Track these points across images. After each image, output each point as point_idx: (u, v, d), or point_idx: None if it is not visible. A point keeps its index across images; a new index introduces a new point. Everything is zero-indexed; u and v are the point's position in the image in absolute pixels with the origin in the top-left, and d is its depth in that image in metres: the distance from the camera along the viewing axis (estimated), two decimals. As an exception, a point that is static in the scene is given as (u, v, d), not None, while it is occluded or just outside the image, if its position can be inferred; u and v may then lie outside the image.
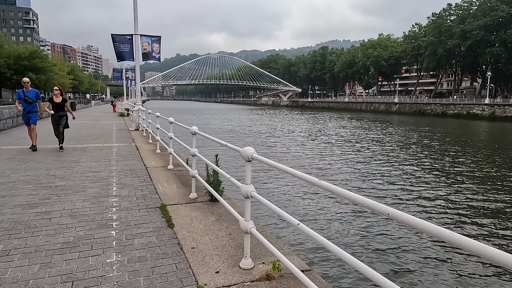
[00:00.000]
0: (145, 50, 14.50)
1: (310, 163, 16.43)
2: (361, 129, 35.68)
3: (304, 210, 9.30)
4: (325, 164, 16.13)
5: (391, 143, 24.34)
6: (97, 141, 11.40)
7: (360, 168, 15.27)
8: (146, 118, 11.67)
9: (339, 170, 14.99)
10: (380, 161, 17.06)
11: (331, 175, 13.89)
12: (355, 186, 12.13)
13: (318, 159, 17.58)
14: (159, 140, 8.63)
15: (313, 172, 14.26)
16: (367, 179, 13.34)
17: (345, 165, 15.95)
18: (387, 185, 12.34)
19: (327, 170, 14.82)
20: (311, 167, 15.35)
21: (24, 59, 40.87)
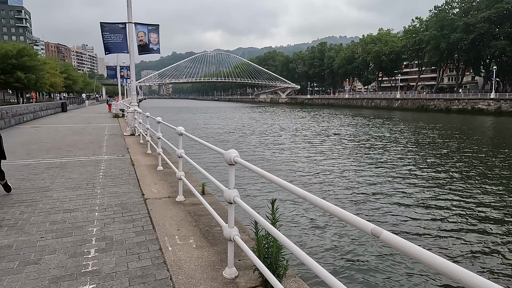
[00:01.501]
0: (141, 41, 12.26)
1: (325, 166, 14.41)
2: (370, 127, 33.67)
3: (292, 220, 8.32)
4: (339, 167, 14.11)
5: (406, 143, 22.34)
6: (83, 151, 9.29)
7: (380, 172, 13.28)
8: (144, 123, 9.47)
9: (356, 174, 12.98)
10: (397, 164, 15.07)
11: (346, 179, 11.88)
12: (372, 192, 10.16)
13: (331, 161, 15.54)
14: (161, 154, 6.48)
15: (326, 176, 12.28)
16: (387, 183, 11.42)
17: (361, 168, 13.94)
18: (406, 191, 10.53)
19: (343, 174, 12.81)
20: (325, 171, 13.34)
21: (11, 57, 38.24)
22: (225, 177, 2.99)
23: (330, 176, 13.17)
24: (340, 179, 12.58)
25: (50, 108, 26.90)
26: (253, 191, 10.50)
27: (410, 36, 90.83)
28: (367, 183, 12.07)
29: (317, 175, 13.20)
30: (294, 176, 13.03)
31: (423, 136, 26.59)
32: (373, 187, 11.50)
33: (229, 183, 2.70)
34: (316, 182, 12.14)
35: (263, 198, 9.78)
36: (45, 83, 49.56)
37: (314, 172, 13.81)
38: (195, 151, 16.47)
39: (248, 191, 10.48)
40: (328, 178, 12.78)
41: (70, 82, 73.01)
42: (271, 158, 16.98)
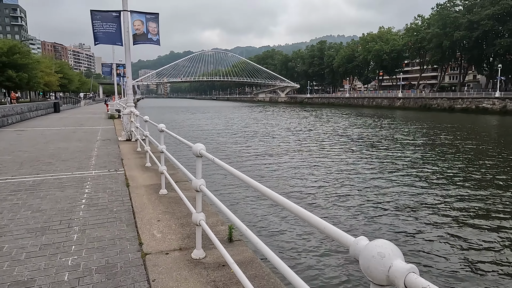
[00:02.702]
0: (137, 30, 10.53)
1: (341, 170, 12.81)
2: (380, 128, 32.07)
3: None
4: (355, 173, 12.52)
5: (420, 145, 20.76)
6: (66, 164, 7.56)
7: (401, 177, 11.68)
8: (142, 128, 7.69)
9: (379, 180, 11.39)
10: (416, 168, 13.48)
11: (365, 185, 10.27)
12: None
13: (346, 166, 13.94)
14: (165, 174, 4.80)
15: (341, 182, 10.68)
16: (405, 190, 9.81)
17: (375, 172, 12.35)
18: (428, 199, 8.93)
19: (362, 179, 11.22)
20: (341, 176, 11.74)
21: (1, 54, 36.44)
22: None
23: (347, 182, 11.55)
24: (361, 187, 10.97)
25: (41, 109, 25.05)
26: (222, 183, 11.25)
27: (412, 34, 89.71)
28: (389, 190, 10.47)
29: (334, 183, 11.59)
30: (310, 186, 11.41)
31: (434, 137, 25.04)
32: (396, 194, 9.96)
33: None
34: (334, 191, 10.53)
35: (232, 189, 10.57)
36: (39, 82, 47.75)
37: (331, 179, 12.20)
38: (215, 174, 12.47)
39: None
40: (345, 184, 11.16)
41: (65, 81, 71.16)
42: (281, 163, 15.34)
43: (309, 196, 10.38)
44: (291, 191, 10.87)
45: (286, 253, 6.34)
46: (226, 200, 9.29)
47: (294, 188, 11.22)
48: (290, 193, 10.65)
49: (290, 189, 11.12)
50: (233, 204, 9.15)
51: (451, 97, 65.66)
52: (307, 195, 10.44)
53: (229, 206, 7.05)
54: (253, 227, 7.34)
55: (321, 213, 9.00)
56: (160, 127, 4.62)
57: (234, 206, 8.99)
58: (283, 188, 11.25)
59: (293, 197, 10.29)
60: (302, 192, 10.81)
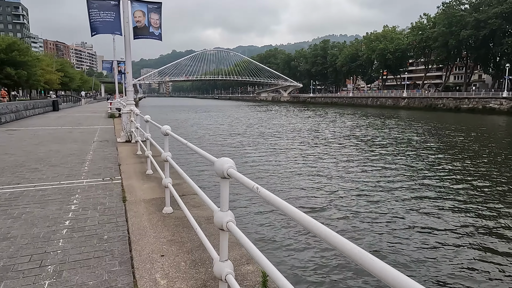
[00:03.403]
0: (138, 22, 9.50)
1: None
2: (391, 129, 31.04)
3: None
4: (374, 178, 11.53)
5: (431, 146, 19.72)
6: (55, 171, 6.58)
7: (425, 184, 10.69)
8: (143, 129, 6.67)
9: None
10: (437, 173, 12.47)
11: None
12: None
13: (361, 171, 12.97)
14: (169, 188, 3.81)
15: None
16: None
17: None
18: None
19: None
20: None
21: (0, 51, 35.54)
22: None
23: (361, 186, 10.55)
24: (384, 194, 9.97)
25: (39, 107, 24.07)
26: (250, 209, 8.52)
27: (417, 33, 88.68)
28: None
29: (349, 189, 10.60)
30: (327, 194, 10.41)
31: (445, 138, 23.99)
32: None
33: (221, 203, 2.01)
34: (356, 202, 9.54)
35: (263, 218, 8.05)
36: (39, 80, 46.87)
37: (344, 184, 11.21)
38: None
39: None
40: (359, 189, 10.16)
41: (66, 79, 70.34)
42: (292, 167, 14.36)
43: (325, 203, 9.39)
44: (312, 201, 9.89)
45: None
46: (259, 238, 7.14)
47: (313, 195, 10.24)
48: (311, 202, 9.68)
49: (312, 199, 10.14)
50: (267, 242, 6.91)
51: (457, 97, 64.71)
52: (324, 202, 9.45)
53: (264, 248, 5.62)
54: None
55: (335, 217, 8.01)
56: (165, 130, 3.78)
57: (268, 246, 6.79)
58: (300, 196, 10.27)
59: (313, 206, 9.31)
60: (320, 199, 9.83)
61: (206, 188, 10.33)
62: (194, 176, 11.84)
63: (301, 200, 9.79)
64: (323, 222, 4.04)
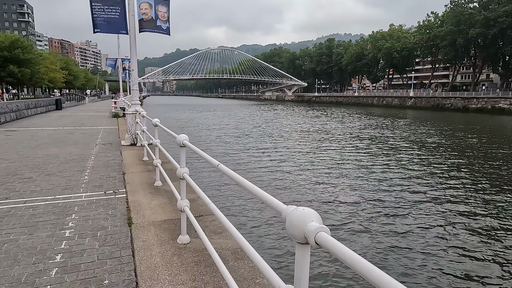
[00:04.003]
0: (144, 15, 8.71)
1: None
2: (404, 130, 30.15)
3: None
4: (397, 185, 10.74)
5: (444, 147, 18.84)
6: (49, 182, 5.73)
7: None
8: (150, 133, 6.02)
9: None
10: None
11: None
12: None
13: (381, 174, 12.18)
14: (187, 212, 3.02)
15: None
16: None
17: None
18: None
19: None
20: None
21: (3, 49, 35.00)
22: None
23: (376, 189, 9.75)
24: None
25: (41, 106, 23.41)
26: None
27: (424, 32, 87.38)
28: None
29: (363, 190, 9.82)
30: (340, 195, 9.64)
31: (459, 140, 23.09)
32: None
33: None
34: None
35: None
36: (42, 78, 46.37)
37: (359, 187, 10.42)
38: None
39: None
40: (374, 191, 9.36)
41: (70, 78, 69.91)
42: (305, 171, 13.59)
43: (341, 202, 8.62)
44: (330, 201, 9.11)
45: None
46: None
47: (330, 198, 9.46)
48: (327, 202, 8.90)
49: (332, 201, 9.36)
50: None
51: (465, 97, 63.54)
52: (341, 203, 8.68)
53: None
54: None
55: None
56: (181, 140, 2.97)
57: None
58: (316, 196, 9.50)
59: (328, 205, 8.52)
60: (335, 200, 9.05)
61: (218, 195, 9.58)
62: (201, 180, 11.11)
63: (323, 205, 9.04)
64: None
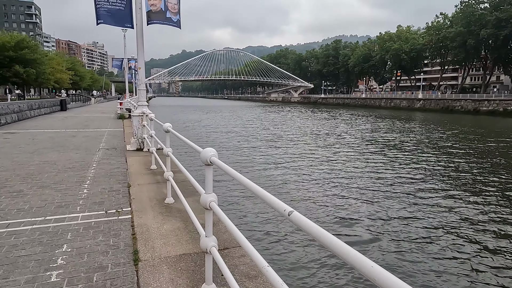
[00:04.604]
0: (153, 6, 7.93)
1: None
2: (421, 134, 29.21)
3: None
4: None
5: (464, 152, 17.90)
6: (41, 197, 4.90)
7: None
8: (162, 142, 5.25)
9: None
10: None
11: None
12: None
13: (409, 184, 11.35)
14: (215, 255, 2.24)
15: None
16: None
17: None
18: None
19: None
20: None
21: (9, 49, 34.57)
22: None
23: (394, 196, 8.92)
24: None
25: (45, 107, 22.82)
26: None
27: (433, 33, 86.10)
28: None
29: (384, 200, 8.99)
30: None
31: (478, 144, 22.10)
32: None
33: (206, 186, 2.33)
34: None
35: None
36: (48, 79, 46.02)
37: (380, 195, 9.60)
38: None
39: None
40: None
41: (77, 78, 69.75)
42: (318, 177, 12.79)
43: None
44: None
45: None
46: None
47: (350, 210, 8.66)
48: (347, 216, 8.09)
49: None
50: None
51: (476, 99, 62.16)
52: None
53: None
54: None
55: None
56: (208, 156, 2.22)
57: None
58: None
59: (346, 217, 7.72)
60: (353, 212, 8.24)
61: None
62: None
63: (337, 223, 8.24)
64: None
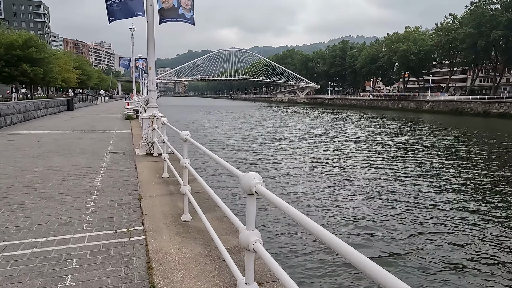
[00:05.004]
0: (165, 3, 7.48)
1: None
2: (426, 136, 28.56)
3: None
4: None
5: (483, 157, 17.28)
6: (44, 211, 4.41)
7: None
8: (178, 152, 4.73)
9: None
10: None
11: None
12: None
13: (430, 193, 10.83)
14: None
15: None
16: None
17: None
18: None
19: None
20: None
21: (17, 48, 34.41)
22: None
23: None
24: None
25: (51, 106, 22.56)
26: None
27: (442, 34, 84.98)
28: None
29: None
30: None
31: (497, 148, 21.43)
32: None
33: (247, 221, 1.89)
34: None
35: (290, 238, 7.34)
36: (56, 78, 45.95)
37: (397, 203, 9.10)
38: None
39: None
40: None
41: (84, 77, 69.86)
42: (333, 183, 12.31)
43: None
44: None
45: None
46: None
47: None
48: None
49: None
50: None
51: (486, 101, 61.16)
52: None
53: None
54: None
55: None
56: (253, 185, 1.79)
57: None
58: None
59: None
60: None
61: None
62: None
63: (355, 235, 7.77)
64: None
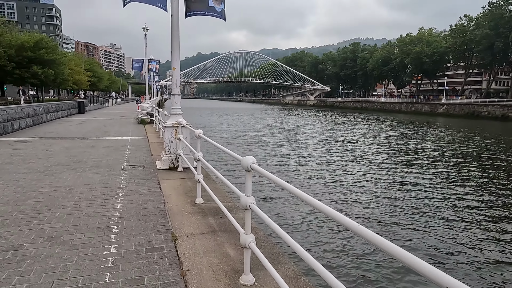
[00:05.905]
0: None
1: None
2: (446, 141, 27.20)
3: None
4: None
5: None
6: (46, 265, 3.06)
7: None
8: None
9: None
10: None
11: None
12: None
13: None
14: None
15: None
16: None
17: None
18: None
19: None
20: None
21: (28, 49, 33.94)
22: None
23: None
24: None
25: (62, 109, 21.78)
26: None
27: (457, 36, 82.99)
28: None
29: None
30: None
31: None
32: None
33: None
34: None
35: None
36: (67, 80, 45.58)
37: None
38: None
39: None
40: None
41: (95, 79, 69.81)
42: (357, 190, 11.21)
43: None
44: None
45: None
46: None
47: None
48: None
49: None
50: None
51: (504, 104, 59.46)
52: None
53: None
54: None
55: None
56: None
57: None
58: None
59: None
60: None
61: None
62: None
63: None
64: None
